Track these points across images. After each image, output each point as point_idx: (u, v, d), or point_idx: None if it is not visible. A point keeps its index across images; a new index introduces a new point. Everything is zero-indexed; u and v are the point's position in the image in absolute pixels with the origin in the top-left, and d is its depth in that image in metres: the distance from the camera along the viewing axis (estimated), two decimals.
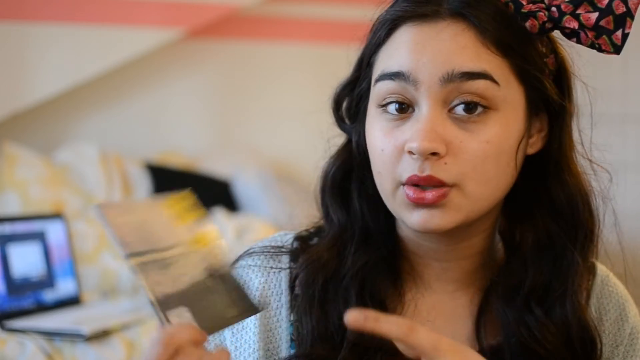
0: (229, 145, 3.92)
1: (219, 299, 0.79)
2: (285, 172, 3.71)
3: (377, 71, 0.89)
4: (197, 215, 0.83)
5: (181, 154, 3.70)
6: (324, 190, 0.96)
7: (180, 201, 0.83)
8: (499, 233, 0.94)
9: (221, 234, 0.84)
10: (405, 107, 0.86)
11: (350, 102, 0.96)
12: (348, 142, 0.97)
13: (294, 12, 4.05)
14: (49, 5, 3.31)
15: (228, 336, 0.94)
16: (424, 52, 0.84)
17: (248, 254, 0.97)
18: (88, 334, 2.19)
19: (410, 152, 0.84)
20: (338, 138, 0.98)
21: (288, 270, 0.94)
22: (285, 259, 0.95)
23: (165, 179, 3.43)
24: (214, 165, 3.63)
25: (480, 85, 0.83)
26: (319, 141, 0.99)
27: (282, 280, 0.94)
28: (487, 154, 0.84)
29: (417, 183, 0.84)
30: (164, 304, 0.74)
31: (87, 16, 3.39)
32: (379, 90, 0.88)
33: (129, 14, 3.47)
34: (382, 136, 0.87)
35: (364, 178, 0.93)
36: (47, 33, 3.28)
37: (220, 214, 3.22)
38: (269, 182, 3.53)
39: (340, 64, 0.98)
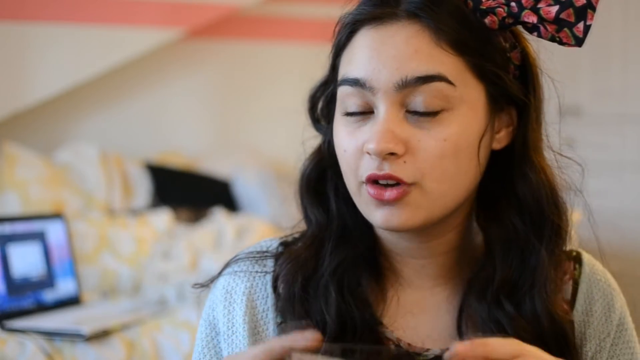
0: (229, 145, 3.92)
1: None
2: (285, 172, 3.71)
3: (340, 74, 0.90)
4: None
5: (181, 154, 3.70)
6: (301, 191, 0.98)
7: None
8: (480, 229, 0.95)
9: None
10: (366, 109, 0.87)
11: (324, 103, 0.97)
12: (323, 143, 0.98)
13: (294, 12, 4.06)
14: (49, 5, 3.31)
15: (222, 341, 0.94)
16: (379, 58, 0.85)
17: (234, 260, 0.98)
18: (88, 334, 2.19)
19: (369, 153, 0.85)
20: (314, 140, 1.00)
21: (272, 274, 0.95)
22: (270, 263, 0.96)
23: (165, 179, 3.43)
24: (214, 165, 3.63)
25: (435, 87, 0.84)
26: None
27: (267, 283, 0.95)
28: (445, 152, 0.85)
29: (375, 179, 0.85)
30: None
31: (87, 16, 3.39)
32: (341, 93, 0.89)
33: (129, 14, 3.47)
34: (345, 137, 0.88)
35: (338, 178, 0.94)
36: (47, 33, 3.28)
37: (220, 214, 3.22)
38: (269, 182, 3.54)
39: None
